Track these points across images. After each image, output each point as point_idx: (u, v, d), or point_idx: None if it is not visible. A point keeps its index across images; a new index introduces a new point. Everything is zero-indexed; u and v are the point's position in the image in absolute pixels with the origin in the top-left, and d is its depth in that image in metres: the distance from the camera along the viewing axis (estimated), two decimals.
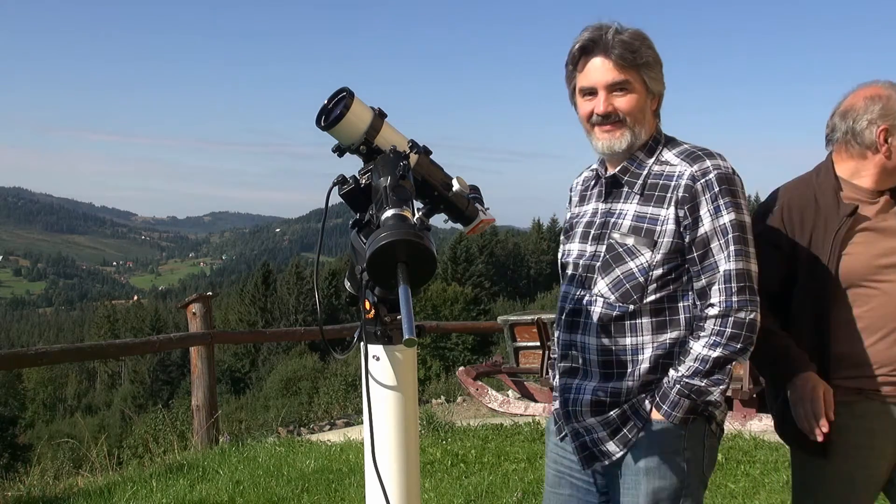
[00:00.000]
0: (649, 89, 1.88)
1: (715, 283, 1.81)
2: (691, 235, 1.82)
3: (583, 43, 1.87)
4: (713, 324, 1.81)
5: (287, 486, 4.57)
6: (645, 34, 1.89)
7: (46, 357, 5.53)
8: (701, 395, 1.81)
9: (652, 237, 1.84)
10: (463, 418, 7.17)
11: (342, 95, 1.60)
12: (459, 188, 1.71)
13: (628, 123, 1.87)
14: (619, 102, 1.86)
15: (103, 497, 4.41)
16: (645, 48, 1.86)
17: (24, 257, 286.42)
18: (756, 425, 6.66)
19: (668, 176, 1.87)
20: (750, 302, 1.81)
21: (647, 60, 1.86)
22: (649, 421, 1.86)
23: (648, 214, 1.87)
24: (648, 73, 1.86)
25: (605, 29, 1.86)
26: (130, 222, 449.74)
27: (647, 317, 1.86)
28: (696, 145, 1.93)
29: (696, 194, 1.82)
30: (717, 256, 1.81)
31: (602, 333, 1.88)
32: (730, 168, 1.86)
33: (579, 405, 1.91)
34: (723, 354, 1.80)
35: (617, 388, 1.87)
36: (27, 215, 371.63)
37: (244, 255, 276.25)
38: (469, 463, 5.06)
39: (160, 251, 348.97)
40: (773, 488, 4.50)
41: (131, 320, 66.02)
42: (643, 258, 1.85)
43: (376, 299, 1.51)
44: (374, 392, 1.49)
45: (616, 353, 1.88)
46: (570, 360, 1.95)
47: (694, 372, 1.80)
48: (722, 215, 1.81)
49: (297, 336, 23.86)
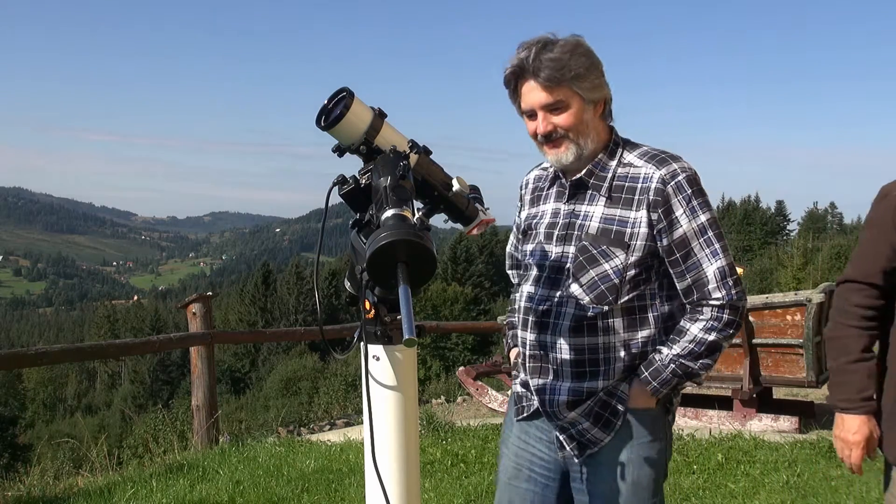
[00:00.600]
0: (587, 99, 1.88)
1: (706, 280, 1.87)
2: (669, 238, 1.87)
3: (511, 69, 1.89)
4: (713, 311, 1.87)
5: (287, 486, 4.57)
6: (577, 42, 1.87)
7: (46, 357, 5.53)
8: (690, 377, 1.90)
9: (622, 239, 1.88)
10: (463, 418, 7.18)
11: (342, 95, 1.60)
12: (459, 188, 1.71)
13: (571, 137, 1.89)
14: (557, 120, 1.88)
15: (103, 497, 4.41)
16: (575, 60, 1.84)
17: (24, 257, 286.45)
18: (756, 425, 6.67)
19: (634, 178, 1.90)
20: (742, 292, 1.91)
21: (578, 72, 1.84)
22: (629, 407, 1.91)
23: (617, 216, 1.90)
24: (582, 85, 1.85)
25: (532, 48, 1.85)
26: (130, 222, 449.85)
27: (620, 316, 1.90)
28: (654, 147, 1.97)
29: (668, 197, 1.86)
30: (699, 255, 1.87)
31: (574, 334, 1.91)
32: (693, 169, 1.91)
33: (556, 405, 1.94)
34: (717, 339, 1.87)
35: (592, 387, 1.91)
36: (27, 215, 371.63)
37: (244, 255, 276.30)
38: (469, 463, 5.06)
39: (160, 251, 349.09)
40: (773, 488, 4.50)
41: (131, 320, 66.03)
42: (618, 260, 1.88)
43: (376, 299, 1.51)
44: (374, 392, 1.49)
45: (589, 352, 1.91)
46: (539, 360, 1.97)
47: (689, 353, 1.87)
48: (698, 216, 1.87)
49: (297, 336, 23.84)
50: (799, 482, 4.61)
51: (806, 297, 6.73)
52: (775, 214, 72.73)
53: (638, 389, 1.90)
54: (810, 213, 77.33)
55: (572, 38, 1.88)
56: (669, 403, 1.98)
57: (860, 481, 4.32)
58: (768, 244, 65.95)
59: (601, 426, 1.92)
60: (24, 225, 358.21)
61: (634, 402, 1.91)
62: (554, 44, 1.85)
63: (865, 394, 2.04)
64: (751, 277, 48.23)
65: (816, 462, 5.06)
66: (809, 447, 5.40)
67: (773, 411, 7.12)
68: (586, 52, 1.87)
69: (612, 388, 1.91)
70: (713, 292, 1.87)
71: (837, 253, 48.68)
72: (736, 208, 72.74)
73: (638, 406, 1.92)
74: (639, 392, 1.91)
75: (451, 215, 1.76)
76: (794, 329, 6.68)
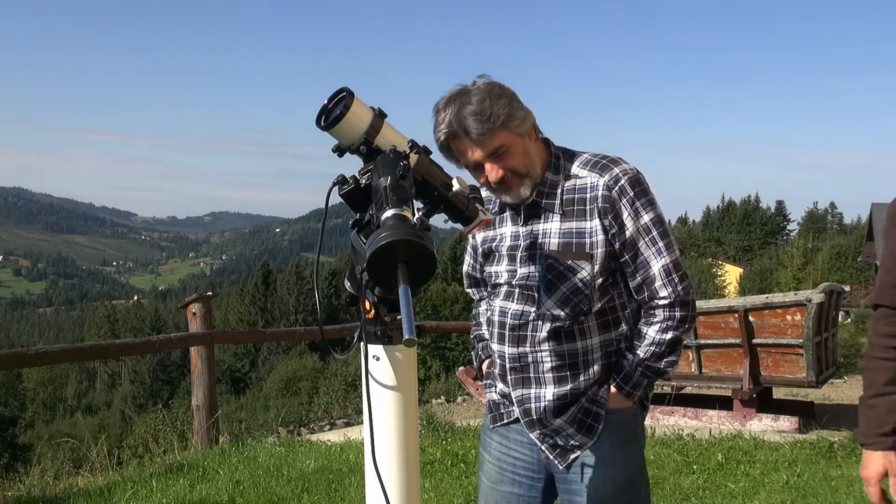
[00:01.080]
0: (521, 134, 1.90)
1: (653, 278, 1.93)
2: (620, 240, 1.92)
3: (444, 138, 1.88)
4: (665, 311, 1.94)
5: (287, 486, 4.58)
6: (490, 86, 1.87)
7: (46, 357, 5.53)
8: (659, 375, 2.00)
9: (584, 250, 1.92)
10: (463, 418, 7.18)
11: (342, 95, 1.60)
12: (459, 188, 1.71)
13: (522, 173, 1.91)
14: (505, 164, 1.89)
15: (103, 497, 4.41)
16: (496, 104, 1.84)
17: (24, 257, 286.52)
18: (756, 425, 6.67)
19: (582, 189, 1.94)
20: (689, 285, 1.97)
21: (504, 115, 1.85)
22: (607, 409, 1.98)
23: (574, 229, 1.94)
24: (512, 125, 1.87)
25: (450, 108, 1.85)
26: (130, 222, 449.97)
27: (594, 319, 1.96)
28: (594, 153, 2.01)
29: (614, 202, 1.91)
30: (646, 254, 1.93)
31: (553, 342, 1.96)
32: (635, 169, 1.95)
33: (542, 412, 1.99)
34: (675, 336, 1.96)
35: (575, 389, 1.97)
36: (27, 215, 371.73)
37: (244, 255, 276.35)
38: (469, 463, 5.06)
39: (160, 251, 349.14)
40: (773, 488, 4.50)
41: (131, 320, 66.01)
42: (584, 272, 1.92)
43: (376, 299, 1.51)
44: (374, 392, 1.49)
45: (569, 357, 1.97)
46: (520, 371, 2.01)
47: (652, 354, 1.95)
48: (641, 216, 1.92)
49: (297, 336, 23.85)
50: (799, 482, 4.62)
51: (806, 297, 6.73)
52: (775, 214, 72.79)
53: (614, 394, 1.99)
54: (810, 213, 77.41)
55: (483, 83, 1.88)
56: (645, 399, 2.08)
57: (860, 482, 4.32)
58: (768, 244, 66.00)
59: (584, 431, 1.98)
60: (24, 225, 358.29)
61: (613, 404, 1.99)
62: (469, 95, 1.85)
63: (883, 429, 1.96)
64: (751, 277, 48.25)
65: (816, 462, 5.06)
66: (809, 447, 5.41)
67: (773, 411, 7.12)
68: (501, 92, 1.87)
69: (592, 395, 1.98)
70: (660, 290, 1.93)
71: (837, 253, 48.62)
72: (736, 208, 72.79)
73: (617, 407, 2.00)
74: (615, 396, 1.99)
75: (451, 215, 1.76)
76: (794, 329, 6.68)
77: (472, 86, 1.88)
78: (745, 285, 46.35)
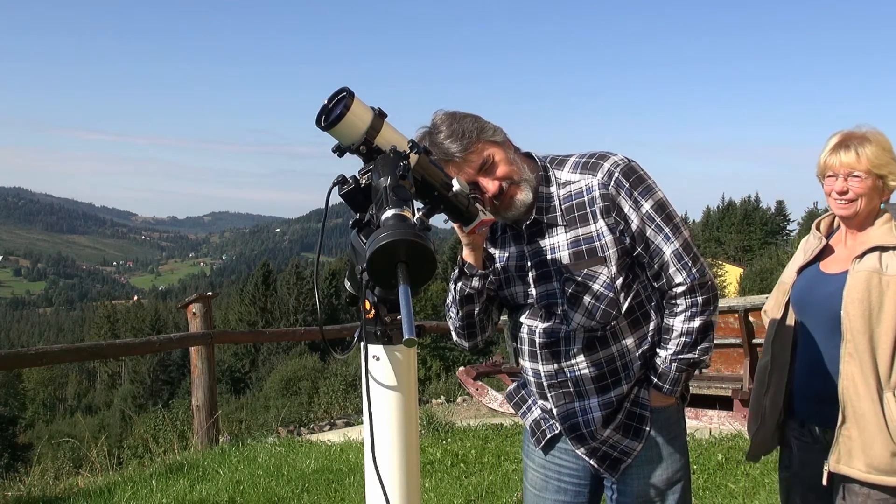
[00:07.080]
0: (499, 143, 1.92)
1: (668, 264, 1.91)
2: (629, 234, 1.92)
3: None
4: (686, 299, 1.92)
5: (287, 486, 4.58)
6: (451, 113, 1.91)
7: (46, 357, 5.53)
8: (696, 365, 1.97)
9: (596, 254, 1.92)
10: (463, 418, 7.18)
11: (342, 95, 1.60)
12: (459, 188, 1.71)
13: (516, 179, 1.92)
14: (495, 175, 1.90)
15: (103, 497, 4.41)
16: (464, 123, 1.88)
17: (24, 257, 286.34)
18: None
19: (578, 193, 1.94)
20: (703, 265, 1.94)
21: (475, 129, 1.88)
22: (651, 408, 1.98)
23: (581, 236, 1.93)
24: (485, 135, 1.90)
25: (432, 143, 1.86)
26: (130, 222, 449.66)
27: (624, 320, 1.95)
28: (581, 154, 2.00)
29: (613, 198, 1.91)
30: (655, 241, 1.91)
31: (588, 352, 1.95)
32: (626, 159, 1.94)
33: (592, 424, 1.98)
34: (704, 321, 1.93)
35: (619, 393, 1.97)
36: (27, 215, 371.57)
37: (244, 255, 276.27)
38: (469, 463, 5.06)
39: (160, 251, 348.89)
40: (773, 488, 4.50)
41: (131, 320, 65.92)
42: (604, 276, 1.92)
43: (376, 299, 1.51)
44: (374, 392, 1.49)
45: (607, 364, 1.96)
46: (560, 386, 2.00)
47: (684, 346, 1.93)
48: (642, 205, 1.91)
49: (297, 336, 23.82)
50: None
51: None
52: (775, 214, 72.70)
53: (655, 394, 1.98)
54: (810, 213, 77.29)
55: (442, 114, 1.91)
56: (686, 391, 2.08)
57: None
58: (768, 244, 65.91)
59: (632, 436, 1.98)
60: (24, 225, 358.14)
61: (656, 404, 1.99)
62: (436, 128, 1.89)
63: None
64: (751, 277, 48.18)
65: None
66: None
67: None
68: (463, 115, 1.91)
69: (634, 397, 1.98)
70: (675, 277, 1.92)
71: None
72: (736, 208, 72.70)
73: (660, 405, 2.00)
74: (656, 395, 1.98)
75: (452, 215, 1.76)
76: None
77: (434, 120, 1.91)
78: (745, 285, 46.31)
